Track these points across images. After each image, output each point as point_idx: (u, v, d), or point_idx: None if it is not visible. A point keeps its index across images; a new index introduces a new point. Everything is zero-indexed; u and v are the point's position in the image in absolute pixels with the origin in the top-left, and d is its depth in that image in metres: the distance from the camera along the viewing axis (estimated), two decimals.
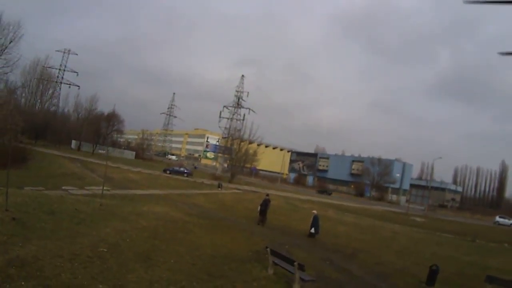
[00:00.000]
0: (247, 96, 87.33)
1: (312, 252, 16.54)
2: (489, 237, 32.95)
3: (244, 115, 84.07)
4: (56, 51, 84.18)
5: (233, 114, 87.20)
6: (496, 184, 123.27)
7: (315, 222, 21.48)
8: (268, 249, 11.72)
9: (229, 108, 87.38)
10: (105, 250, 10.15)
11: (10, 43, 53.04)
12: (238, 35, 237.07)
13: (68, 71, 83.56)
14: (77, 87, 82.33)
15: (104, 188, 21.37)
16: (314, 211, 22.88)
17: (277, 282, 10.80)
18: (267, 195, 25.85)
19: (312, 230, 21.25)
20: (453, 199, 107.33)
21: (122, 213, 15.94)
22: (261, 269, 11.75)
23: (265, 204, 23.31)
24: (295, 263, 10.14)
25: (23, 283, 7.06)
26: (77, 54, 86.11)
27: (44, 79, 76.92)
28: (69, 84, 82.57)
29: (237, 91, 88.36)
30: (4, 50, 51.63)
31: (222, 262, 11.86)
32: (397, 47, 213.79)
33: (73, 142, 68.94)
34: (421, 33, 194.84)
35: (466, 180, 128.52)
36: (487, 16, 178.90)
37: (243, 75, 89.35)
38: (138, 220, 15.17)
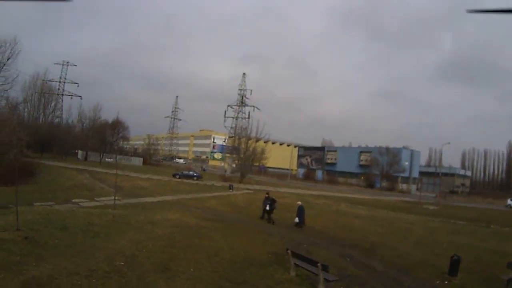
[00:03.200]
0: (251, 93, 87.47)
1: (331, 250, 16.25)
2: (503, 222, 32.66)
3: (249, 113, 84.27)
4: (55, 64, 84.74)
5: (238, 113, 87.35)
6: (505, 166, 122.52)
7: (300, 213, 22.40)
8: (289, 251, 11.45)
9: (233, 107, 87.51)
10: (122, 263, 9.95)
11: (8, 60, 53.04)
12: (239, 34, 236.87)
13: (68, 82, 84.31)
14: (79, 98, 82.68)
15: (115, 198, 21.20)
16: (299, 202, 23.99)
17: (301, 284, 10.54)
18: (267, 193, 25.70)
19: (296, 220, 22.19)
20: (463, 185, 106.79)
21: (136, 223, 15.76)
22: (283, 271, 11.49)
23: (270, 203, 23.33)
24: (319, 264, 9.87)
25: None
26: (76, 65, 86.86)
27: (45, 92, 76.92)
28: (71, 96, 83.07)
29: (240, 89, 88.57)
30: (2, 67, 51.63)
31: (242, 266, 11.64)
32: (398, 33, 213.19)
33: (79, 152, 68.97)
34: (422, 17, 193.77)
35: (475, 164, 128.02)
36: None
37: (244, 73, 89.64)
38: (153, 229, 14.99)
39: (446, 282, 12.41)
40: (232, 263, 11.90)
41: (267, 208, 23.32)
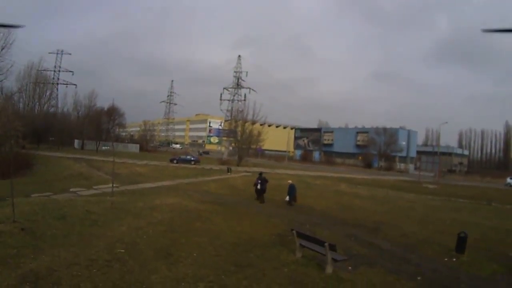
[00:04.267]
0: (246, 75, 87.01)
1: (334, 230, 16.01)
2: (504, 200, 32.61)
3: (245, 95, 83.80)
4: (49, 53, 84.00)
5: (234, 95, 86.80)
6: (502, 145, 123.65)
7: (291, 191, 22.76)
8: (294, 232, 11.16)
9: (229, 89, 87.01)
10: (122, 251, 9.66)
11: (1, 50, 52.58)
12: (235, 16, 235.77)
13: (63, 71, 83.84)
14: (74, 86, 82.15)
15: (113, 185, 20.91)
16: (290, 181, 23.98)
17: (308, 265, 10.26)
18: (260, 173, 25.59)
19: (287, 198, 22.63)
20: (460, 163, 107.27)
21: (135, 209, 15.43)
22: (288, 253, 11.25)
23: (261, 183, 23.32)
24: (326, 244, 9.60)
25: None
26: (70, 54, 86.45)
27: (40, 82, 76.27)
28: (66, 84, 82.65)
29: (235, 71, 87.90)
30: None
31: (246, 249, 11.37)
32: (395, 13, 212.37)
33: (76, 141, 68.60)
34: None
35: (472, 143, 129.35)
36: None
37: (239, 55, 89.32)
38: (152, 214, 14.69)
39: (454, 259, 12.19)
40: (235, 246, 11.65)
41: (258, 187, 23.29)
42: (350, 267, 10.47)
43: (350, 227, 16.88)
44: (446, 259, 12.20)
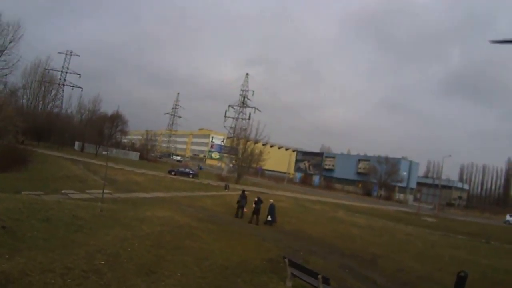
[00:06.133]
0: (252, 95, 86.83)
1: (329, 259, 15.47)
2: (503, 238, 31.93)
3: (250, 114, 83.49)
4: (58, 53, 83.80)
5: (239, 114, 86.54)
6: (503, 182, 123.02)
7: (271, 211, 23.12)
8: (287, 260, 10.56)
9: (234, 107, 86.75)
10: (102, 262, 9.06)
11: (9, 43, 52.60)
12: (247, 34, 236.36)
13: (70, 73, 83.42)
14: (80, 89, 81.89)
15: (106, 191, 20.45)
16: (271, 200, 24.44)
17: None
18: (243, 191, 25.80)
19: (269, 218, 22.91)
20: (460, 197, 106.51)
21: (124, 219, 14.87)
22: (278, 281, 10.66)
23: (256, 203, 23.33)
24: (319, 276, 8.99)
25: None
26: (79, 56, 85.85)
27: (45, 81, 76.16)
28: (72, 86, 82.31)
29: (242, 90, 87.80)
30: (3, 51, 50.99)
31: (234, 273, 10.77)
32: (407, 44, 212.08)
33: (76, 143, 68.03)
34: (431, 30, 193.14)
35: (473, 178, 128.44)
36: (499, 12, 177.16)
37: (247, 74, 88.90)
38: (141, 227, 14.10)
39: None
40: (223, 268, 11.03)
41: (253, 206, 23.24)
42: None
43: (345, 258, 16.36)
44: None
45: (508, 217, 59.84)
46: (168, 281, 8.93)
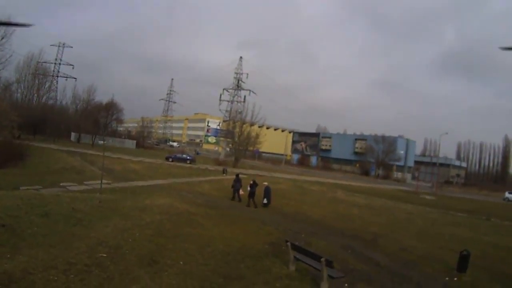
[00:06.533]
0: (247, 77, 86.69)
1: (330, 240, 15.41)
2: (503, 215, 31.87)
3: (245, 97, 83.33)
4: (51, 45, 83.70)
5: (234, 97, 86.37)
6: (500, 159, 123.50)
7: (266, 193, 22.98)
8: (289, 244, 10.51)
9: (229, 90, 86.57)
10: (104, 255, 9.02)
11: (1, 39, 52.09)
12: (240, 17, 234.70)
13: (63, 64, 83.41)
14: (74, 79, 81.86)
15: (105, 181, 20.36)
16: (265, 183, 24.25)
17: (302, 280, 9.65)
18: (237, 175, 25.90)
19: (265, 201, 22.80)
20: (458, 175, 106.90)
21: (123, 209, 14.81)
22: (281, 265, 10.63)
23: (252, 186, 23.32)
24: (323, 259, 8.95)
25: None
26: (72, 47, 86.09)
27: (39, 73, 75.63)
28: (66, 77, 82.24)
29: (236, 73, 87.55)
30: None
31: (236, 259, 10.76)
32: (401, 23, 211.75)
33: (73, 134, 67.84)
34: (425, 8, 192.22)
35: (470, 156, 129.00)
36: None
37: (241, 57, 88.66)
38: (140, 216, 14.01)
39: (455, 278, 11.61)
40: (225, 254, 11.02)
41: (248, 190, 23.24)
42: (346, 284, 9.87)
43: (347, 238, 16.30)
44: (447, 279, 11.63)
45: (507, 194, 60.36)
46: (171, 271, 8.92)
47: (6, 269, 7.26)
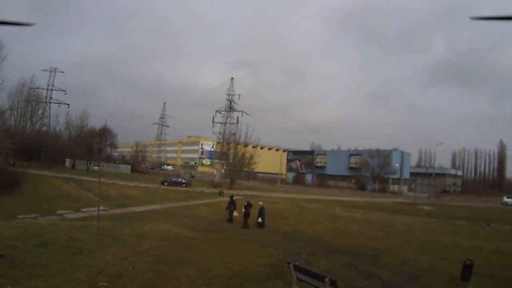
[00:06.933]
0: (239, 98, 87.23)
1: (331, 259, 15.32)
2: (502, 220, 31.71)
3: (238, 118, 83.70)
4: (42, 70, 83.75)
5: (226, 118, 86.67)
6: (496, 165, 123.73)
7: (261, 213, 23.38)
8: (291, 265, 10.40)
9: (221, 112, 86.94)
10: (105, 284, 8.92)
11: None
12: (230, 39, 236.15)
13: (56, 90, 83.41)
14: (67, 105, 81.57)
15: (101, 208, 20.14)
16: (260, 203, 24.55)
17: None
18: (231, 197, 26.22)
19: (259, 220, 23.17)
20: (454, 184, 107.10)
21: (122, 236, 14.72)
22: (283, 287, 10.52)
23: (246, 207, 23.62)
24: (326, 279, 8.85)
25: None
26: (63, 72, 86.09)
27: (32, 100, 75.40)
28: (59, 103, 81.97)
29: (228, 94, 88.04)
30: None
31: (238, 283, 10.65)
32: (392, 36, 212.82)
33: (67, 160, 67.60)
34: (414, 19, 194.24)
35: (465, 164, 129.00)
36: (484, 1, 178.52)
37: (232, 78, 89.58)
38: (139, 243, 13.93)
39: None
40: (227, 279, 10.91)
41: (243, 211, 23.51)
42: None
43: (348, 256, 16.18)
44: None
45: (505, 199, 59.99)
46: None
47: None
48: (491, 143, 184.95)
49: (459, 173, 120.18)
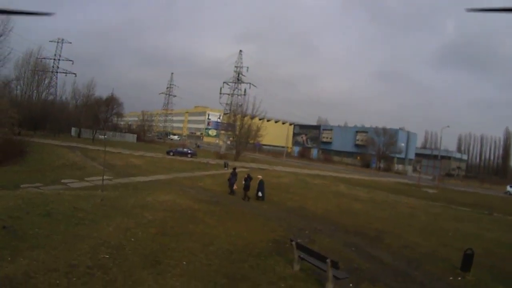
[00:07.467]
0: (247, 70, 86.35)
1: (334, 237, 15.28)
2: (505, 209, 31.60)
3: (245, 90, 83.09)
4: (49, 41, 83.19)
5: (234, 90, 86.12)
6: (501, 152, 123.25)
7: (260, 187, 23.38)
8: (294, 243, 10.39)
9: (229, 84, 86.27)
10: (107, 256, 8.95)
11: (0, 37, 51.77)
12: (240, 10, 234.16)
13: (63, 60, 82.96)
14: (74, 75, 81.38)
15: (106, 177, 20.22)
16: (259, 176, 24.45)
17: (307, 280, 9.56)
18: (234, 168, 26.42)
19: (260, 194, 23.18)
20: (458, 168, 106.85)
21: (125, 207, 14.73)
22: (285, 264, 10.56)
23: (246, 180, 23.59)
24: (328, 260, 8.83)
25: None
26: (71, 43, 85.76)
27: (38, 70, 75.00)
28: (65, 73, 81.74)
29: (236, 66, 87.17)
30: None
31: (240, 258, 10.70)
32: (402, 14, 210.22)
33: (73, 129, 67.96)
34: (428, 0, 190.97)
35: (471, 148, 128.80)
36: None
37: (241, 50, 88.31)
38: (143, 214, 13.95)
39: (459, 278, 11.48)
40: (229, 253, 10.97)
41: (243, 183, 23.50)
42: (351, 284, 9.77)
43: (351, 235, 16.13)
44: (451, 278, 11.49)
45: (508, 188, 59.86)
46: (174, 271, 8.84)
47: (7, 272, 7.19)
48: (497, 130, 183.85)
49: (464, 157, 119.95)
